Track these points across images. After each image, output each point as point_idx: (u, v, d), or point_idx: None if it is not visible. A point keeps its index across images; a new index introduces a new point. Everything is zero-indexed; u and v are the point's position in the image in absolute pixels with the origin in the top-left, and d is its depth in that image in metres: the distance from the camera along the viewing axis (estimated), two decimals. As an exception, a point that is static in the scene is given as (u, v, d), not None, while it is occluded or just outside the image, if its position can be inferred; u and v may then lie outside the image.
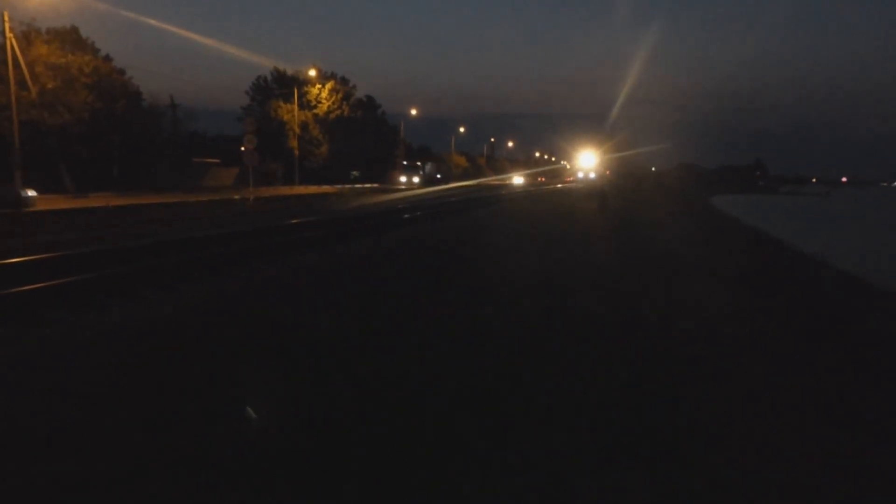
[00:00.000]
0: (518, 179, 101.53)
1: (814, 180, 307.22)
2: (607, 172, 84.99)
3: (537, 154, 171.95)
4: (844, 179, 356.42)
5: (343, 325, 8.01)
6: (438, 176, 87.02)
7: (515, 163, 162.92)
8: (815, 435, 5.01)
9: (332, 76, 72.10)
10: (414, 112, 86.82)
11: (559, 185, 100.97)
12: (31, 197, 24.99)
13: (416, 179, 76.24)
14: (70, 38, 40.03)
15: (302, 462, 4.21)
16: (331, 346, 7.00)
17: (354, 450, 4.40)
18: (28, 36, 35.03)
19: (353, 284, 11.26)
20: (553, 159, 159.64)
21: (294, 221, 22.09)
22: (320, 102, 68.23)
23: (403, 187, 68.07)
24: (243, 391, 5.51)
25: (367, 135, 72.49)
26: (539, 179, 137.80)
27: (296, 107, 61.38)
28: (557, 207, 36.50)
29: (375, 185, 68.07)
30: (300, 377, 5.97)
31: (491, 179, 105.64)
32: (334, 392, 5.57)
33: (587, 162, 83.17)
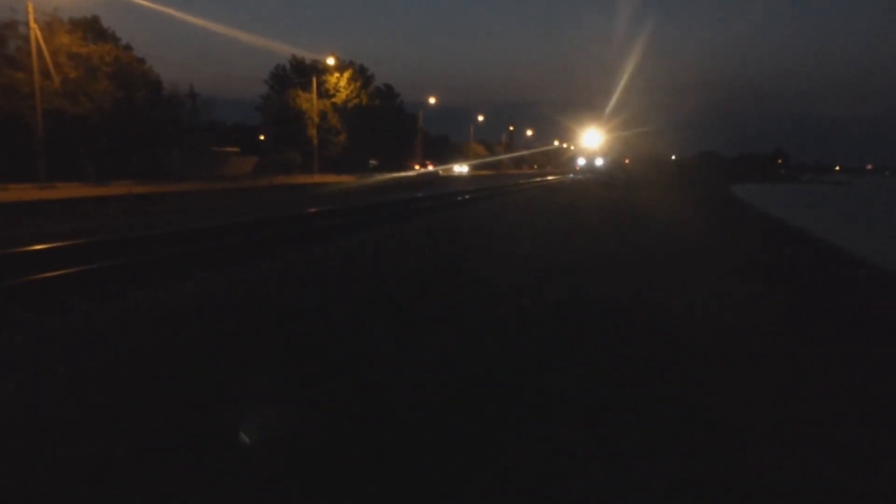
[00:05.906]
0: (460, 168, 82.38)
1: (837, 168, 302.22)
2: (627, 161, 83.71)
3: (556, 142, 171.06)
4: (870, 167, 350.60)
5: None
6: None
7: (534, 151, 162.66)
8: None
9: (351, 64, 72.02)
10: (432, 100, 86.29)
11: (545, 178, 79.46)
12: None
13: None
14: (91, 27, 40.44)
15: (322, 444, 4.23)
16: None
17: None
18: (51, 26, 35.42)
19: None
20: (572, 147, 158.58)
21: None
22: (339, 91, 68.18)
23: None
24: (263, 374, 5.55)
25: (385, 123, 72.36)
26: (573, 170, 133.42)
27: (314, 95, 61.40)
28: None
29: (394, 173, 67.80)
30: (312, 363, 6.00)
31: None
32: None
33: (592, 143, 77.08)
